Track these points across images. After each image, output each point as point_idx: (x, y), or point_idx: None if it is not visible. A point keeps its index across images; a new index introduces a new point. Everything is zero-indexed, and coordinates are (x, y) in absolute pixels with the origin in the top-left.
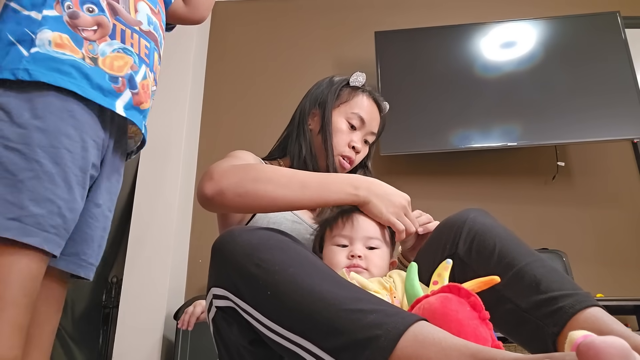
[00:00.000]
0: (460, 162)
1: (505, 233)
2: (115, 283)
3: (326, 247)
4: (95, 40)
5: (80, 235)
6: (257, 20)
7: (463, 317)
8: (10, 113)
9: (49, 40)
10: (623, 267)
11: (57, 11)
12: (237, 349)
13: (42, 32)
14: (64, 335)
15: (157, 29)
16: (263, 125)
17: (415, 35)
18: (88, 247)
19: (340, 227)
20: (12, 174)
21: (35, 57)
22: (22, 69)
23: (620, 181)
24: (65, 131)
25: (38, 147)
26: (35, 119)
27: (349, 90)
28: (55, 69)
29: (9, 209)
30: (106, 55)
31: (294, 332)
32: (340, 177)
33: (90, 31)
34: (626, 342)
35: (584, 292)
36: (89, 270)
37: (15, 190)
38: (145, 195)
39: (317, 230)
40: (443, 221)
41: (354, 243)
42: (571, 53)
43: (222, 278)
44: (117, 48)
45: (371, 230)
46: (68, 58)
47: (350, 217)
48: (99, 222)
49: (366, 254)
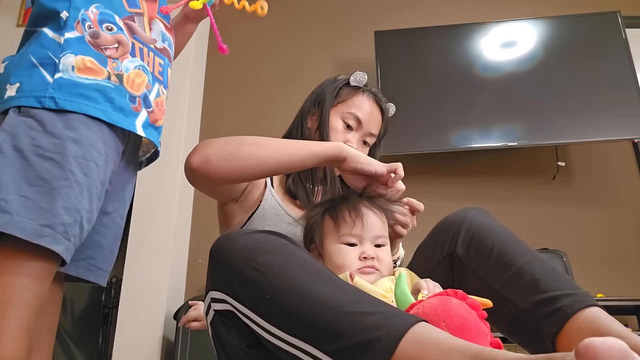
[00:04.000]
0: (460, 162)
1: (503, 232)
2: (115, 283)
3: (331, 243)
4: (118, 57)
5: (89, 242)
6: (256, 20)
7: (464, 311)
8: (43, 123)
9: (72, 65)
10: (623, 267)
11: (78, 32)
12: (236, 352)
13: (66, 56)
14: (64, 336)
15: (171, 44)
16: (263, 125)
17: (415, 35)
18: (97, 252)
19: (350, 225)
20: (47, 181)
21: (59, 83)
22: (48, 97)
23: (621, 181)
24: (96, 145)
25: (72, 157)
26: (68, 130)
27: (348, 89)
28: (79, 94)
29: (42, 216)
30: (130, 71)
31: (294, 335)
32: (322, 142)
33: (113, 49)
34: (625, 342)
35: (582, 291)
36: (98, 275)
37: (50, 198)
38: (144, 196)
39: (316, 215)
40: (441, 220)
41: (364, 243)
42: (571, 53)
43: (220, 282)
44: (139, 65)
45: (379, 229)
46: (92, 82)
47: (359, 213)
48: (109, 229)
49: (377, 253)
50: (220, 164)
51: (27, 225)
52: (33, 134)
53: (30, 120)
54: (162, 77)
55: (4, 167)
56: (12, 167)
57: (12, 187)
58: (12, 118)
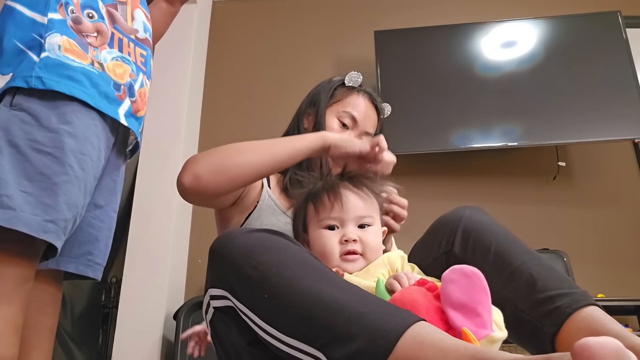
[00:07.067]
0: (461, 162)
1: (501, 231)
2: (115, 283)
3: (313, 229)
4: (97, 46)
5: (85, 237)
6: (256, 20)
7: (416, 292)
8: (38, 117)
9: (58, 44)
10: (624, 268)
11: (60, 14)
12: (236, 350)
13: (51, 36)
14: (64, 336)
15: (151, 35)
16: (263, 125)
17: (415, 34)
18: (94, 247)
19: (329, 208)
20: (47, 176)
21: (46, 62)
22: (34, 77)
23: (621, 181)
24: (90, 139)
25: (70, 151)
26: (64, 124)
27: (343, 89)
28: (67, 76)
29: (46, 211)
30: (107, 62)
31: (292, 336)
32: (306, 134)
33: (92, 37)
34: (621, 342)
35: (581, 290)
36: (97, 270)
37: (52, 194)
38: (144, 196)
39: (299, 204)
40: (438, 218)
41: (345, 225)
42: (572, 53)
43: (219, 280)
44: (116, 56)
45: (361, 208)
46: (79, 65)
47: (338, 195)
48: (104, 222)
49: (360, 235)
50: (212, 177)
51: (32, 220)
52: (27, 129)
53: (23, 114)
54: (145, 68)
55: (1, 163)
56: (9, 162)
57: (13, 183)
58: (3, 112)
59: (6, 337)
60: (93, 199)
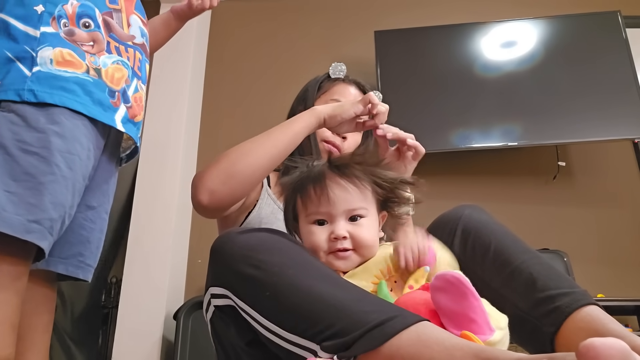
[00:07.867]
0: (461, 162)
1: (501, 230)
2: (115, 283)
3: (302, 223)
4: (95, 53)
5: (77, 238)
6: (256, 21)
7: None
8: (26, 118)
9: (50, 58)
10: (624, 268)
11: (53, 28)
12: (235, 350)
13: (43, 50)
14: (63, 336)
15: (148, 40)
16: (263, 125)
17: (415, 34)
18: (85, 249)
19: (315, 203)
20: (33, 176)
21: (38, 76)
22: (27, 90)
23: (621, 181)
24: (79, 138)
25: (57, 151)
26: (52, 124)
27: (330, 81)
28: (59, 87)
29: (30, 211)
30: (108, 66)
31: (294, 332)
32: (297, 115)
33: (88, 46)
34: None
35: (581, 290)
36: (87, 271)
37: (37, 193)
38: (144, 196)
39: (288, 194)
40: (438, 217)
41: (334, 221)
42: (572, 52)
43: (220, 279)
44: (117, 60)
45: (351, 200)
46: (71, 75)
47: (324, 189)
48: (96, 224)
49: (351, 230)
50: (224, 188)
51: (15, 221)
52: (15, 129)
53: (12, 115)
54: (141, 73)
55: None
56: None
57: None
58: None
59: (3, 337)
60: (85, 200)
